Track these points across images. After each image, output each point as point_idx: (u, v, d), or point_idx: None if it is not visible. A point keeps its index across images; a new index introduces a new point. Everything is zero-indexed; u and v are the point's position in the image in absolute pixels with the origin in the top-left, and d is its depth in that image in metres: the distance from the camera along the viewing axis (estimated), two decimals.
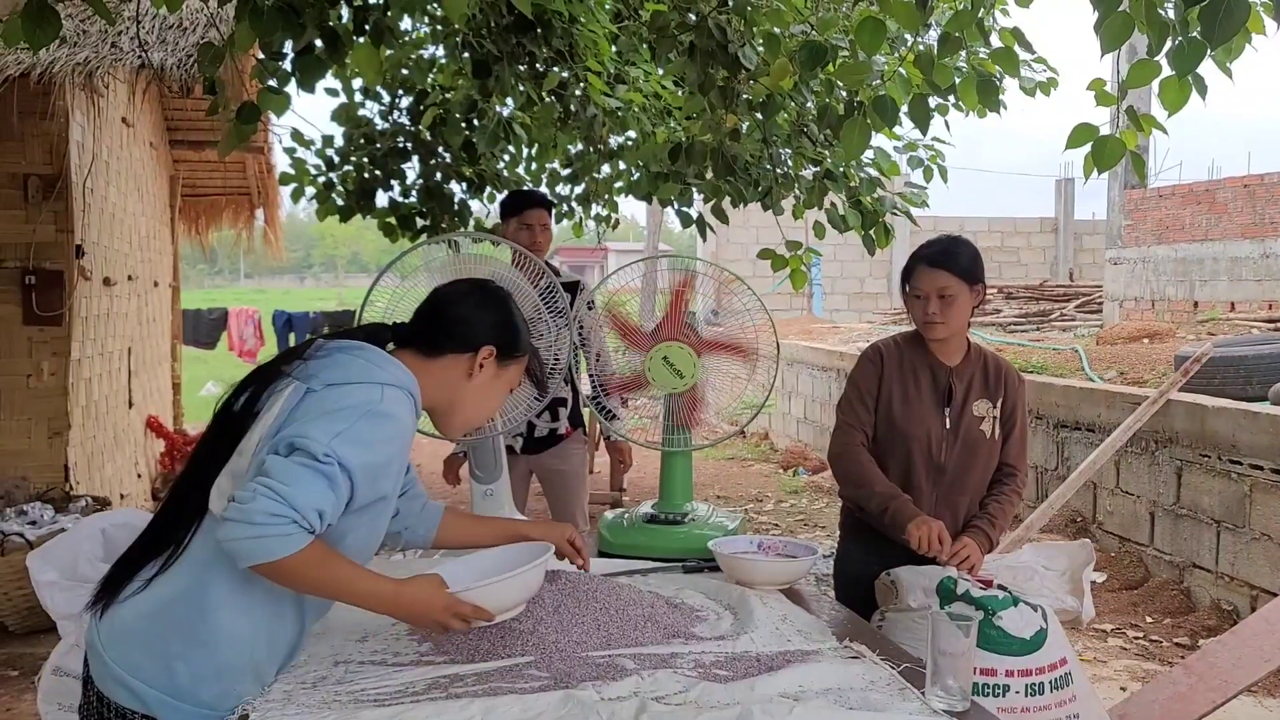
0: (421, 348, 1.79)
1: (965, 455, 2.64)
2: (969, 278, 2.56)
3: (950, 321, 2.56)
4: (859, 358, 2.73)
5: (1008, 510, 2.64)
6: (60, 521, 4.82)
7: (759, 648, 1.83)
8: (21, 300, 5.19)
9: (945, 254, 2.55)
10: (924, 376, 2.64)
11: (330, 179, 5.73)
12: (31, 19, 2.27)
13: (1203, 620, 4.82)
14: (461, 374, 1.80)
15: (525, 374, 1.93)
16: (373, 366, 1.66)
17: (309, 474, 1.53)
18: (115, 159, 6.36)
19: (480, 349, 1.80)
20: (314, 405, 1.60)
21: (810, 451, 9.89)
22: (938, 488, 2.65)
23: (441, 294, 1.86)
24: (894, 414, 2.64)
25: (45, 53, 4.66)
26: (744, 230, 15.30)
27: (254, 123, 3.37)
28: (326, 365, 1.65)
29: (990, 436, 2.65)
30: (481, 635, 1.81)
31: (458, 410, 1.82)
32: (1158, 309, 10.36)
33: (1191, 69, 2.34)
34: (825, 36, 3.23)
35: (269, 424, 1.61)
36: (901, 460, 2.65)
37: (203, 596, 1.61)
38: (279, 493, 1.50)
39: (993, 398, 2.66)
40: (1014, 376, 2.71)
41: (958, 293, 2.53)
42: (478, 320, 1.81)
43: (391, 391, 1.64)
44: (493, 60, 4.28)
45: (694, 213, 5.62)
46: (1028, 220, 17.65)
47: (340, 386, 1.62)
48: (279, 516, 1.49)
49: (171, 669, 1.60)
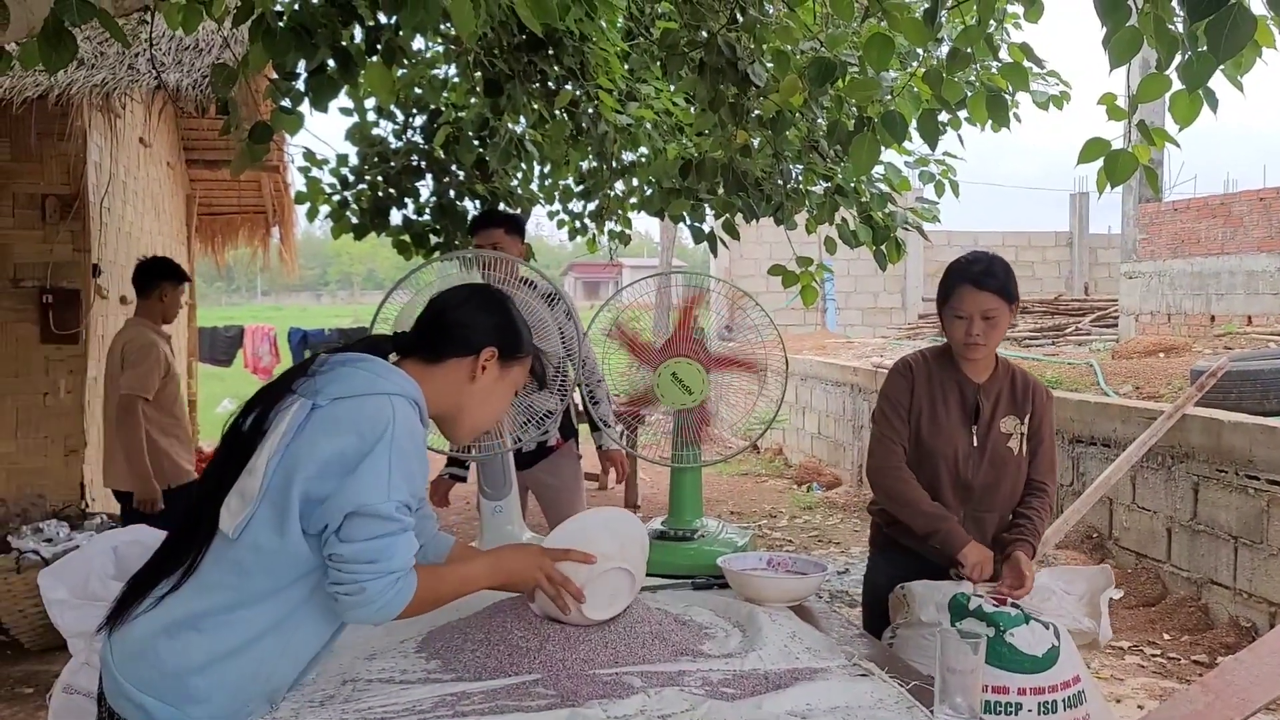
0: (424, 355, 1.80)
1: (993, 472, 2.63)
2: (1009, 296, 2.57)
3: (991, 343, 2.57)
4: (889, 372, 2.73)
5: (1039, 526, 2.63)
6: (75, 539, 4.85)
7: (767, 665, 1.82)
8: (39, 319, 5.24)
9: (987, 274, 2.55)
10: (952, 393, 2.64)
11: (345, 197, 5.77)
12: (48, 42, 2.30)
13: (1221, 637, 4.77)
14: (465, 378, 1.80)
15: (530, 375, 1.93)
16: (377, 378, 1.67)
17: (393, 539, 1.59)
18: (132, 178, 6.42)
19: (482, 351, 1.80)
20: (321, 422, 1.61)
21: (824, 467, 9.85)
22: (966, 505, 2.65)
23: (441, 300, 1.87)
24: (922, 431, 2.64)
25: (63, 74, 4.72)
26: (757, 246, 15.31)
27: (266, 142, 3.40)
28: (331, 380, 1.66)
29: (1018, 453, 2.64)
30: (489, 653, 1.81)
31: (465, 415, 1.83)
32: (1174, 323, 10.29)
33: (1202, 83, 2.34)
34: (835, 53, 3.24)
35: (275, 442, 1.61)
36: (929, 477, 2.64)
37: (215, 616, 1.61)
38: (381, 570, 1.58)
39: (1020, 414, 2.65)
40: (1042, 392, 2.71)
41: (1000, 313, 2.54)
42: (477, 323, 1.82)
43: (399, 401, 1.64)
44: (504, 79, 4.31)
45: (706, 228, 5.63)
46: (1042, 234, 17.60)
47: (346, 400, 1.62)
48: (389, 586, 1.59)
49: (182, 685, 1.60)
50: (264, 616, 1.62)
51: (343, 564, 1.57)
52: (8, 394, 5.23)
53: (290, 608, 1.63)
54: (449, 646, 1.87)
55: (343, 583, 1.57)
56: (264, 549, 1.59)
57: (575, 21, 4.08)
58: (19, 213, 5.24)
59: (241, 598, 1.61)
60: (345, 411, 1.61)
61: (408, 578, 1.61)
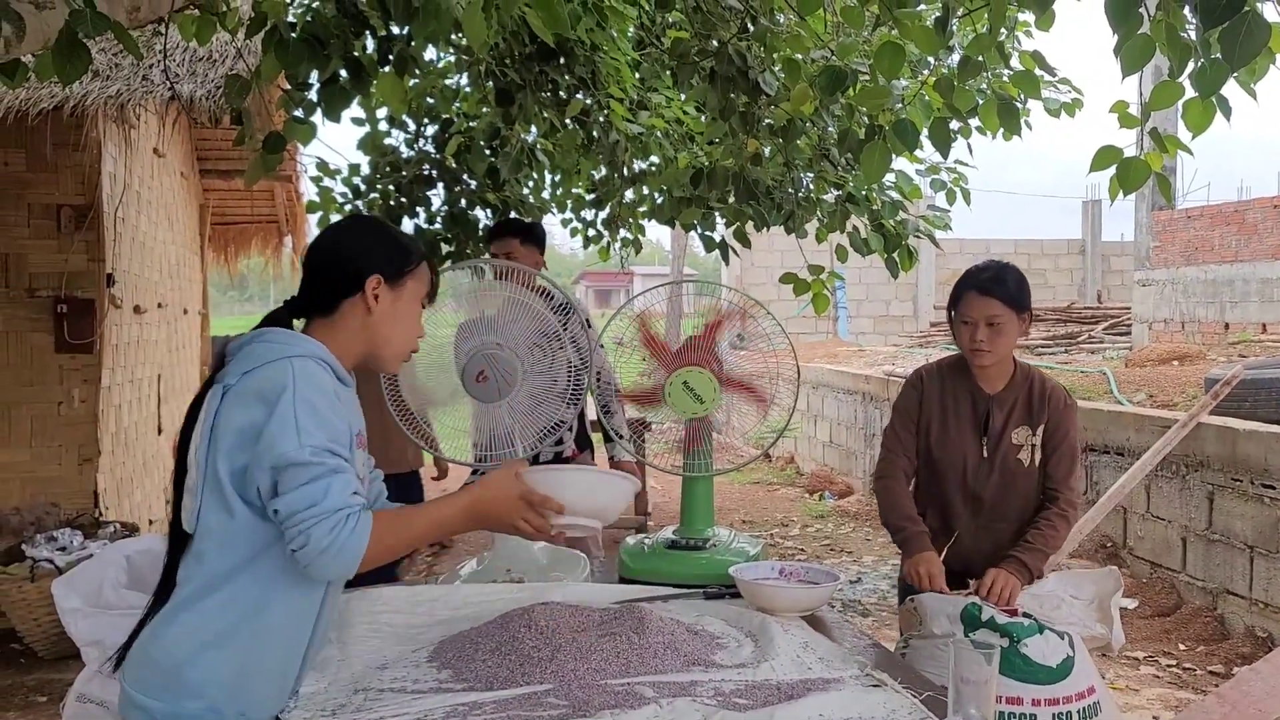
0: (319, 311, 1.81)
1: (1003, 484, 2.62)
2: (1017, 305, 2.57)
3: (997, 349, 2.57)
4: (904, 383, 2.76)
5: (1050, 535, 2.59)
6: (89, 548, 4.86)
7: (779, 675, 1.81)
8: (53, 328, 5.27)
9: (995, 281, 2.56)
10: (964, 404, 2.65)
11: (356, 207, 5.79)
12: (62, 54, 2.31)
13: (1237, 647, 4.73)
14: (362, 314, 1.80)
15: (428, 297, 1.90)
16: (278, 345, 1.70)
17: (323, 481, 1.59)
18: (146, 188, 6.46)
19: (366, 283, 1.79)
20: (232, 399, 1.66)
21: (836, 475, 9.82)
22: (977, 516, 2.64)
23: (310, 252, 1.87)
24: (932, 441, 2.67)
25: (78, 86, 4.76)
26: (768, 254, 15.31)
27: (279, 152, 3.42)
28: (238, 359, 1.70)
29: (1029, 465, 2.62)
30: (500, 663, 1.80)
31: (380, 348, 1.83)
32: (1188, 331, 10.24)
33: (1214, 90, 2.33)
34: (845, 61, 3.24)
35: (199, 431, 1.67)
36: (940, 488, 2.67)
37: (193, 604, 1.65)
38: (321, 513, 1.57)
39: (1033, 424, 2.63)
40: (1059, 399, 2.67)
41: (1006, 320, 2.55)
42: (350, 259, 1.81)
43: (299, 361, 1.67)
44: (516, 88, 4.32)
45: (717, 236, 5.63)
46: (1055, 242, 17.56)
47: (251, 373, 1.66)
48: (335, 527, 1.57)
49: (176, 679, 1.63)
50: (237, 600, 1.65)
51: (286, 520, 1.59)
52: (23, 403, 5.26)
53: (260, 587, 1.66)
54: (461, 656, 1.86)
55: (292, 538, 1.58)
56: (216, 531, 1.65)
57: (586, 31, 4.10)
58: (34, 223, 5.27)
59: (210, 581, 1.65)
60: (251, 383, 1.65)
61: (357, 517, 1.60)
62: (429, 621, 2.12)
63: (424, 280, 1.87)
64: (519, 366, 2.33)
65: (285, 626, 1.70)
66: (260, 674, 1.68)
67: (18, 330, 5.24)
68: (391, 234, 1.88)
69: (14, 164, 5.23)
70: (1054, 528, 2.60)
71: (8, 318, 5.23)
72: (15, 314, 5.23)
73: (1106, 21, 2.30)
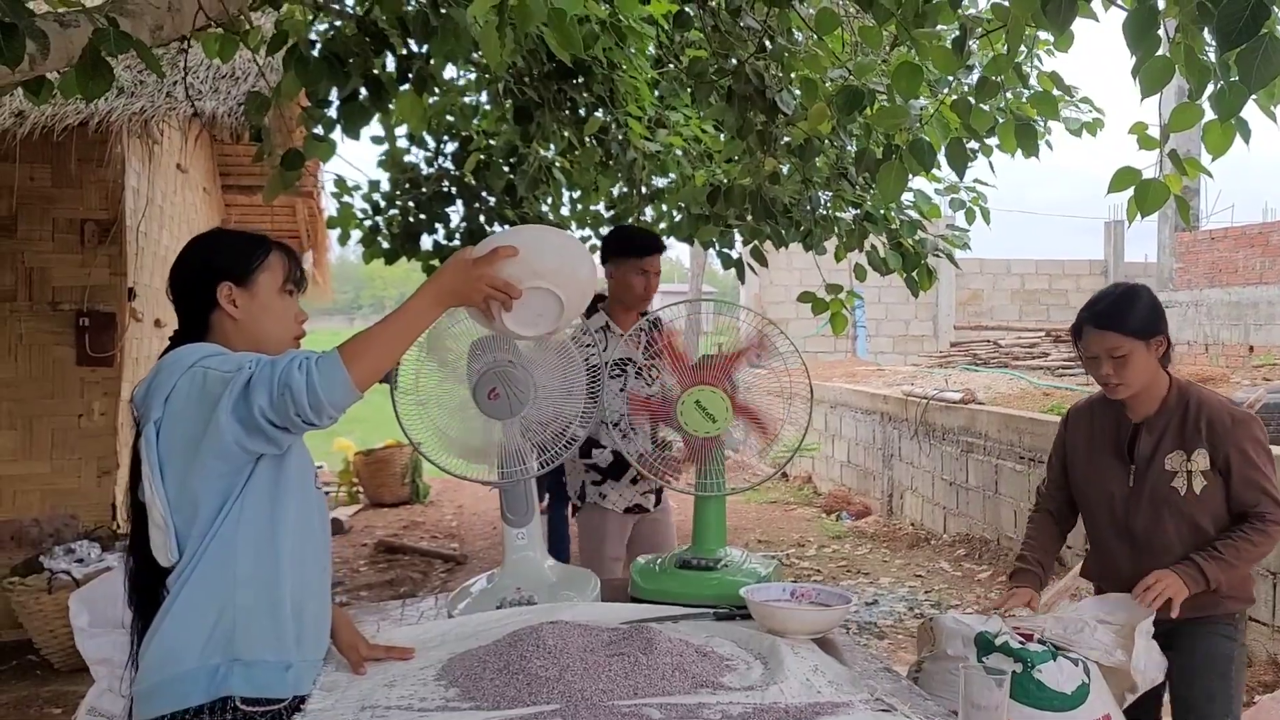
0: (196, 334, 1.86)
1: (1153, 514, 2.47)
2: (1141, 334, 2.42)
3: (1129, 380, 2.43)
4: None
5: (1241, 546, 2.39)
6: (106, 560, 4.89)
7: (788, 699, 1.79)
8: (75, 342, 5.32)
9: (1109, 314, 2.43)
10: (1109, 434, 2.56)
11: (376, 223, 5.84)
12: (86, 71, 2.35)
13: (1258, 675, 4.66)
14: (229, 322, 1.85)
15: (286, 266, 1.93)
16: (181, 360, 1.75)
17: (268, 363, 1.66)
18: (169, 203, 6.53)
19: (218, 294, 1.84)
20: (169, 422, 1.71)
21: (853, 496, 9.77)
22: (1132, 550, 2.52)
23: (168, 284, 1.91)
24: (1076, 476, 2.63)
25: (103, 102, 4.81)
26: (787, 272, 15.30)
27: (297, 169, 3.45)
28: (153, 395, 1.75)
29: (1186, 492, 2.44)
30: (508, 682, 1.80)
31: (262, 345, 1.85)
32: (1211, 353, 10.15)
33: (1234, 113, 2.32)
34: (863, 81, 3.24)
35: (150, 471, 1.72)
36: (1092, 525, 2.62)
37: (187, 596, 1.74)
38: (283, 369, 1.63)
39: (1189, 448, 2.45)
40: (1222, 420, 2.44)
41: (1130, 351, 2.41)
42: (195, 275, 1.86)
43: (205, 361, 1.73)
44: (534, 106, 4.35)
45: (735, 254, 5.64)
46: (1076, 263, 17.46)
47: (172, 393, 1.72)
48: (302, 365, 1.63)
49: (159, 649, 1.72)
50: (209, 568, 1.73)
51: (262, 395, 1.63)
52: (44, 415, 5.30)
53: (223, 545, 1.73)
54: (468, 674, 1.86)
55: (278, 406, 1.62)
56: (194, 534, 1.73)
57: (604, 50, 4.12)
58: (59, 237, 5.33)
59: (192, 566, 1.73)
60: (176, 403, 1.72)
61: (318, 354, 1.66)
62: (437, 639, 2.11)
63: (277, 270, 1.90)
64: (531, 383, 2.32)
65: (253, 564, 1.76)
66: (242, 611, 1.73)
67: (40, 343, 5.30)
68: (228, 239, 1.93)
69: (40, 179, 5.30)
70: (1248, 539, 2.40)
71: (31, 331, 5.28)
72: (38, 327, 5.29)
73: (1125, 43, 2.30)
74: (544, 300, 1.92)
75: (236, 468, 1.72)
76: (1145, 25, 2.27)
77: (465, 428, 2.32)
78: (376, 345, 1.71)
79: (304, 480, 1.84)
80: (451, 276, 1.80)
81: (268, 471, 1.76)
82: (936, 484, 8.29)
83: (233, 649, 1.72)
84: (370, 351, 1.69)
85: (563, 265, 1.93)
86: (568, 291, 1.94)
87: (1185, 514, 2.45)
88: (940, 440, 8.24)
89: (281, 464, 1.78)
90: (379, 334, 1.72)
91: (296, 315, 1.93)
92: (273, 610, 1.77)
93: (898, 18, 2.86)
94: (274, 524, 1.77)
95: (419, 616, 2.39)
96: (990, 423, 7.37)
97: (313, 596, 1.84)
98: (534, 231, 2.04)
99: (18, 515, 5.21)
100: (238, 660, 1.72)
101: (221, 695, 1.70)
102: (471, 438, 2.33)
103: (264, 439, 1.67)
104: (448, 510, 9.59)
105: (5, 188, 5.20)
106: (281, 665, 1.76)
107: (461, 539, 8.23)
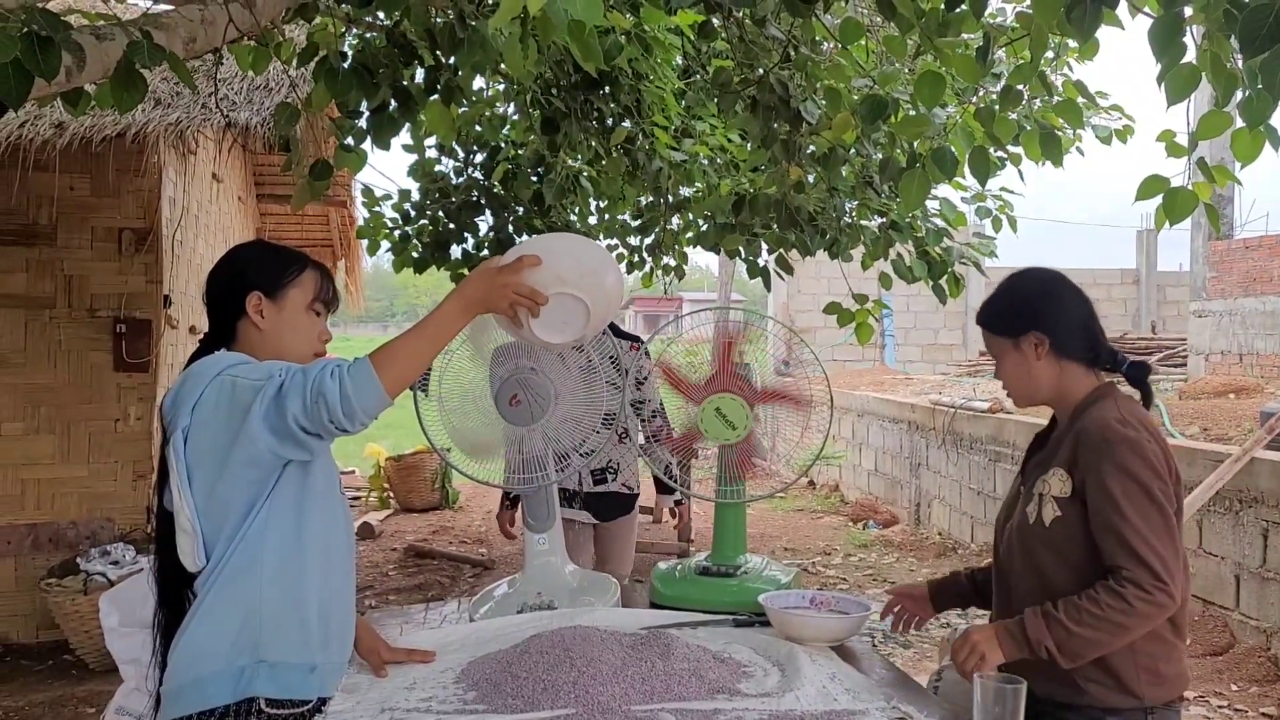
0: (223, 340, 1.91)
1: (1008, 547, 2.02)
2: (1006, 332, 2.03)
3: (1011, 385, 2.06)
4: None
5: (1084, 609, 1.78)
6: (140, 562, 4.98)
7: (804, 706, 1.80)
8: (112, 347, 5.42)
9: (981, 309, 2.10)
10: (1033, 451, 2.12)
11: (406, 232, 5.90)
12: (120, 83, 2.40)
13: None
14: (255, 331, 1.90)
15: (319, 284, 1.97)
16: (208, 369, 1.79)
17: (299, 372, 1.68)
18: (204, 212, 6.63)
19: (247, 302, 1.89)
20: (197, 430, 1.75)
21: (880, 504, 9.72)
22: (999, 589, 2.06)
23: (205, 289, 1.96)
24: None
25: (140, 113, 4.91)
26: (815, 281, 15.26)
27: (326, 179, 3.50)
28: (180, 402, 1.78)
29: (1034, 521, 1.93)
30: (526, 686, 1.82)
31: (282, 359, 1.87)
32: (1246, 363, 10.01)
33: (1263, 120, 2.29)
34: (887, 90, 3.24)
35: (177, 478, 1.75)
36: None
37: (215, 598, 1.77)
38: (315, 377, 1.66)
39: (1064, 470, 1.91)
40: (1093, 435, 1.87)
41: (1000, 351, 2.06)
42: (228, 283, 1.92)
43: (233, 370, 1.77)
44: (561, 116, 4.38)
45: (761, 263, 5.64)
46: (1107, 271, 17.28)
47: (199, 402, 1.75)
48: (334, 372, 1.66)
49: (187, 650, 1.74)
50: (235, 570, 1.76)
51: (295, 403, 1.66)
52: (82, 419, 5.41)
53: (250, 545, 1.76)
54: (488, 678, 1.88)
55: (312, 413, 1.65)
56: (221, 539, 1.76)
57: (630, 61, 4.15)
58: (97, 245, 5.44)
59: (219, 568, 1.76)
60: (204, 411, 1.75)
61: (349, 360, 1.70)
62: (458, 642, 2.14)
63: (309, 287, 1.95)
64: (553, 391, 2.35)
65: (279, 568, 1.79)
66: (269, 619, 1.76)
67: (79, 349, 5.40)
68: (267, 251, 1.98)
69: (79, 189, 5.42)
70: (1096, 600, 1.78)
71: (70, 337, 5.39)
72: (77, 334, 5.40)
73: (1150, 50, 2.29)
74: (571, 307, 1.94)
75: (265, 474, 1.76)
76: (1171, 32, 2.26)
77: (484, 430, 2.35)
78: (406, 352, 1.74)
79: (329, 486, 1.87)
80: (478, 284, 1.83)
81: (294, 477, 1.80)
82: (964, 493, 8.23)
83: (258, 651, 1.75)
84: (400, 359, 1.72)
85: (589, 272, 1.94)
86: (594, 297, 1.95)
87: (1030, 549, 1.94)
88: (968, 449, 8.19)
89: (308, 470, 1.81)
90: (408, 342, 1.75)
91: (320, 334, 1.98)
92: (298, 613, 1.80)
93: (920, 27, 2.86)
94: (300, 528, 1.81)
95: (441, 620, 2.42)
96: (1018, 432, 7.31)
97: (338, 600, 1.87)
98: (559, 239, 2.07)
99: (56, 518, 5.31)
100: (263, 662, 1.75)
101: (247, 696, 1.73)
102: (487, 435, 2.36)
103: (296, 445, 1.71)
104: (477, 515, 9.64)
105: (46, 197, 5.32)
106: (306, 667, 1.79)
107: (489, 544, 8.27)
